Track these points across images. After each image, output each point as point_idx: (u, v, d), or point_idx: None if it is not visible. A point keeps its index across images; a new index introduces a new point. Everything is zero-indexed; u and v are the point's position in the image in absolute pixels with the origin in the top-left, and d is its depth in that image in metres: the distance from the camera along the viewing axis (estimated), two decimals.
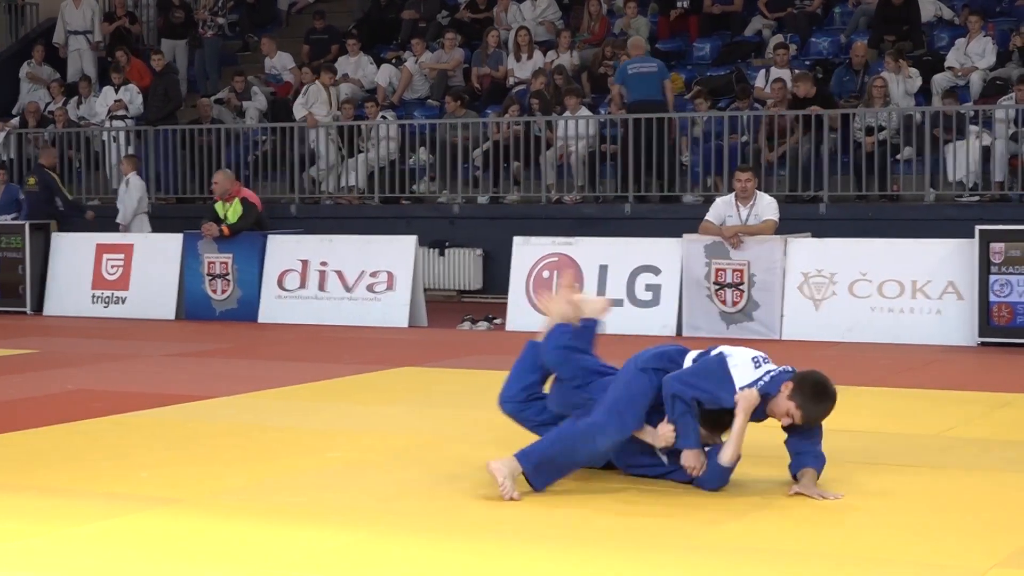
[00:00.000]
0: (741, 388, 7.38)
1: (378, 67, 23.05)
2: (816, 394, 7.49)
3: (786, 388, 7.43)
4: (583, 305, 8.05)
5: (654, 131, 18.84)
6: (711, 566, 6.11)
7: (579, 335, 7.89)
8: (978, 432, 9.33)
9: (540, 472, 7.31)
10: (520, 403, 7.93)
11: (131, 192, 20.05)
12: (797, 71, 19.68)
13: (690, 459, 7.40)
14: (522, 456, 7.30)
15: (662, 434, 7.42)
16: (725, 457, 7.40)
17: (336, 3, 26.28)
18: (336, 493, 7.55)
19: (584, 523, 6.89)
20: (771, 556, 6.28)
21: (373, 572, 6.03)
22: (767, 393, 7.40)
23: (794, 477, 7.54)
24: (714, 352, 7.59)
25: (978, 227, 14.29)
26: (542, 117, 19.89)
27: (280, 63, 24.16)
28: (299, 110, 21.10)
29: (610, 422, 7.38)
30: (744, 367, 7.48)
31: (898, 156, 18.35)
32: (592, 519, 6.95)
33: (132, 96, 22.73)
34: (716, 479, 7.46)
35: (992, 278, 13.99)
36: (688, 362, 7.56)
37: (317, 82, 21.28)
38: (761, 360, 7.54)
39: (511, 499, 7.13)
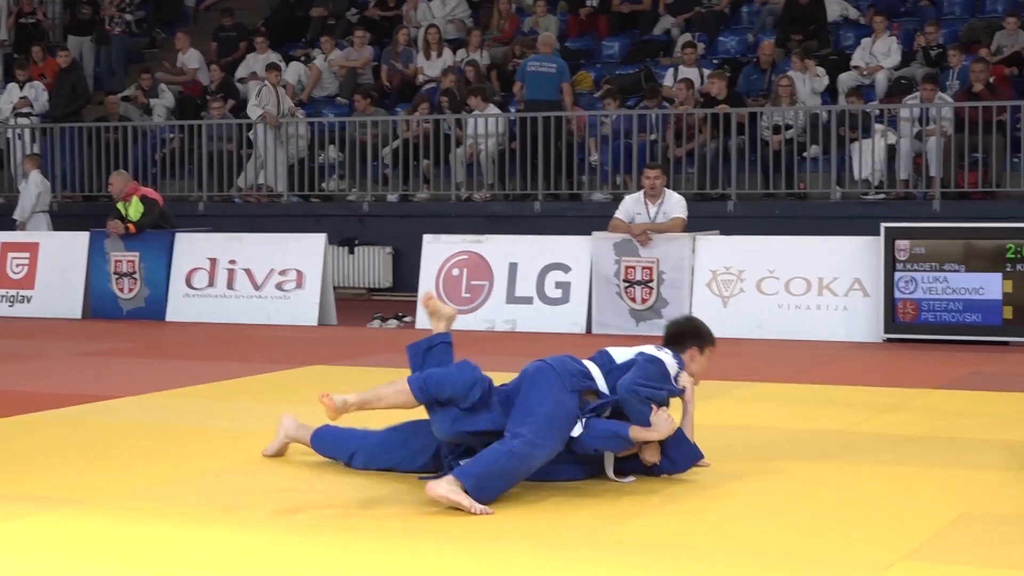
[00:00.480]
0: (675, 377, 7.62)
1: (287, 65, 22.95)
2: (701, 332, 7.98)
3: (689, 358, 7.80)
4: (437, 316, 8.07)
5: (551, 129, 18.90)
6: (617, 562, 6.13)
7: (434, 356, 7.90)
8: (883, 427, 9.43)
9: (482, 489, 7.09)
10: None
11: (30, 189, 19.91)
12: (710, 71, 19.80)
13: (666, 423, 7.48)
14: (461, 474, 7.09)
15: (662, 419, 7.46)
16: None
17: (244, 0, 26.13)
18: (243, 494, 7.50)
19: (489, 521, 6.89)
20: (677, 552, 6.31)
21: (279, 573, 6.00)
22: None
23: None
24: (641, 357, 7.67)
25: (883, 224, 14.43)
26: (451, 115, 19.88)
27: (189, 61, 23.97)
28: (254, 111, 20.73)
29: (548, 438, 7.31)
30: (670, 363, 7.61)
31: (805, 154, 18.51)
32: (497, 517, 6.95)
33: (37, 93, 22.49)
34: (691, 455, 7.65)
35: (897, 275, 14.13)
36: (593, 369, 7.60)
37: (267, 83, 21.02)
38: (669, 352, 7.70)
39: (486, 513, 6.98)
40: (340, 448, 8.10)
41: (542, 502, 7.24)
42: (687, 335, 8.04)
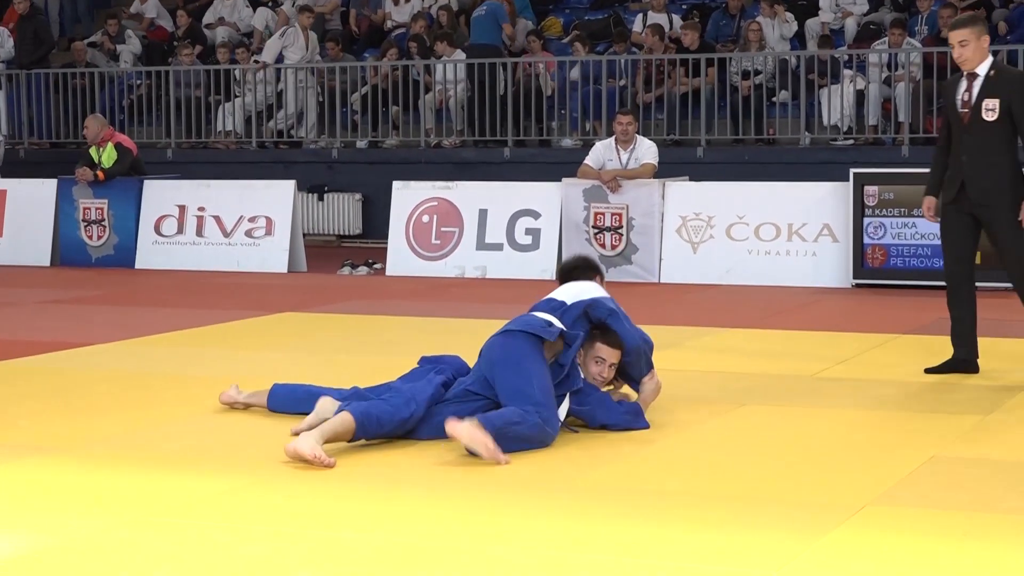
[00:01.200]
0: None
1: (254, 10, 22.81)
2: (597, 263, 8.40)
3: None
4: None
5: (508, 75, 18.90)
6: (591, 507, 6.16)
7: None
8: (852, 372, 9.48)
9: (499, 439, 7.07)
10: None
11: None
12: (679, 16, 19.77)
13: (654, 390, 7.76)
14: (484, 420, 7.06)
15: (655, 386, 7.78)
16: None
17: None
18: (214, 440, 7.51)
19: (465, 470, 6.92)
20: (650, 496, 6.35)
21: (252, 519, 6.02)
22: None
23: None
24: (613, 304, 7.71)
25: (852, 170, 14.46)
26: (420, 61, 19.82)
27: (147, 9, 23.76)
28: (273, 46, 20.46)
29: (553, 418, 7.33)
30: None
31: (774, 100, 18.51)
32: (472, 466, 6.98)
33: (3, 40, 22.30)
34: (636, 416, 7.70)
35: (866, 220, 14.17)
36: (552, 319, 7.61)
37: (296, 25, 20.62)
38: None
39: (504, 463, 6.94)
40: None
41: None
42: (591, 267, 8.26)
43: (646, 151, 15.09)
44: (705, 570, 5.27)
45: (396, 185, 16.33)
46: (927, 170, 14.77)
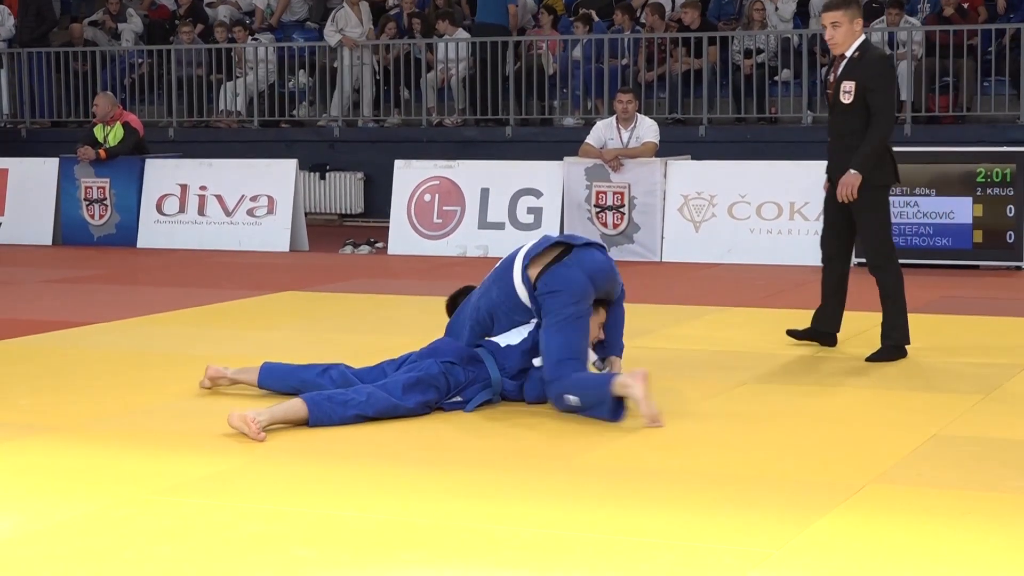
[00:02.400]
0: None
1: None
2: None
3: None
4: None
5: (509, 53, 18.86)
6: (592, 486, 6.16)
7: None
8: (853, 350, 9.47)
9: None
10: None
11: None
12: None
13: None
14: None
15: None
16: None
17: None
18: (214, 419, 7.51)
19: (463, 449, 6.93)
20: (650, 476, 6.35)
21: (251, 497, 6.02)
22: None
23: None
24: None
25: None
26: (423, 39, 19.79)
27: None
28: (332, 36, 20.01)
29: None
30: None
31: (776, 78, 18.48)
32: (470, 445, 6.99)
33: (3, 18, 22.28)
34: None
35: None
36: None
37: (345, 5, 20.36)
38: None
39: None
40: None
41: (512, 429, 7.27)
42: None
43: (647, 130, 15.08)
44: (705, 550, 5.28)
45: (398, 164, 16.31)
46: (930, 149, 14.91)
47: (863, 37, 9.21)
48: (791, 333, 9.57)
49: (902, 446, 6.79)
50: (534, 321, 7.63)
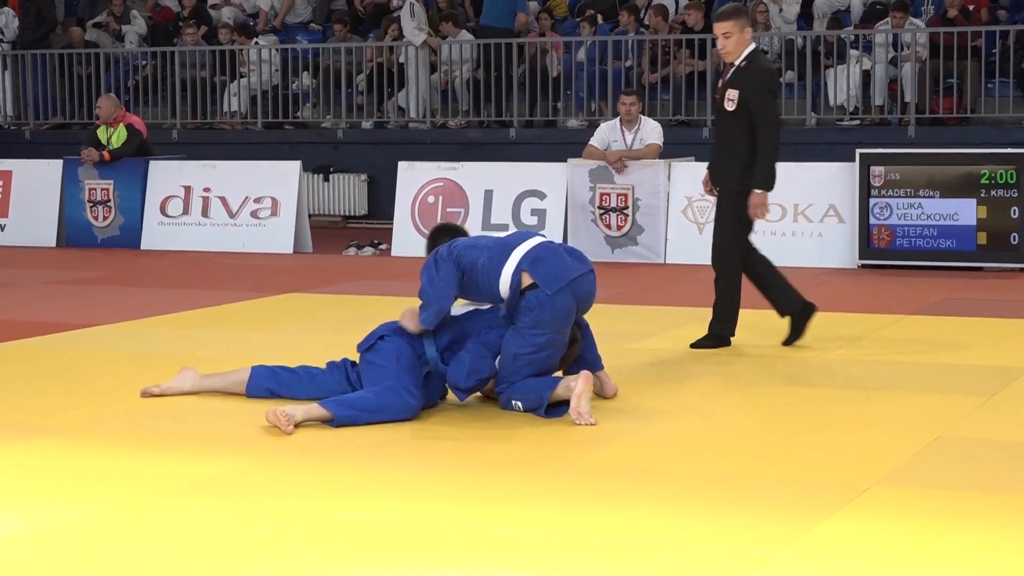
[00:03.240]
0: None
1: None
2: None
3: None
4: None
5: (513, 56, 18.86)
6: (597, 487, 6.16)
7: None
8: (857, 353, 9.47)
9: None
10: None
11: None
12: (688, 0, 19.72)
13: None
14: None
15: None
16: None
17: None
18: (218, 421, 7.52)
19: (469, 451, 6.93)
20: (653, 478, 6.35)
21: (255, 499, 6.02)
22: None
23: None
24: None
25: (859, 150, 14.44)
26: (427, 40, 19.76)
27: None
28: (415, 34, 19.60)
29: None
30: None
31: (780, 80, 18.45)
32: (475, 447, 6.99)
33: (8, 20, 22.30)
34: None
35: (872, 201, 14.16)
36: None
37: (417, 2, 19.87)
38: None
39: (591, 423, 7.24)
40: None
41: (515, 431, 7.27)
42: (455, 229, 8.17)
43: (651, 131, 15.08)
44: (710, 551, 5.27)
45: (402, 165, 16.31)
46: (934, 151, 14.91)
47: (753, 46, 9.40)
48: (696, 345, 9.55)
49: (906, 448, 6.79)
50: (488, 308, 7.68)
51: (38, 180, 17.66)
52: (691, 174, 15.12)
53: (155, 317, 11.27)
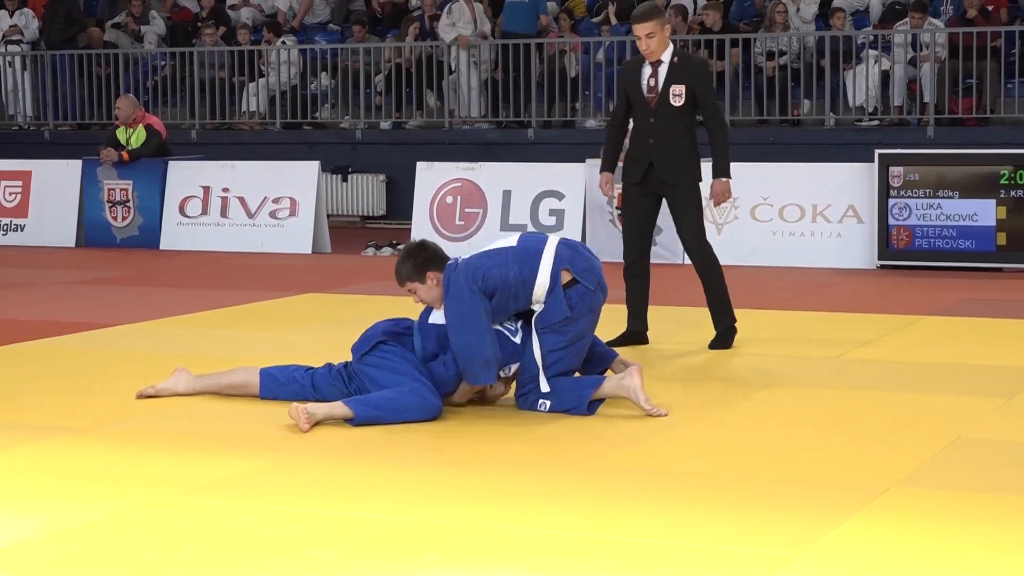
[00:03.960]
0: None
1: None
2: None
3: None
4: None
5: (532, 56, 18.87)
6: (615, 488, 6.16)
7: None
8: (876, 354, 9.45)
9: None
10: None
11: None
12: (707, 0, 19.72)
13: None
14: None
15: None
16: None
17: None
18: (237, 421, 7.53)
19: (486, 451, 6.92)
20: (673, 478, 6.34)
21: (273, 499, 6.03)
22: None
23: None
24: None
25: (878, 151, 14.42)
26: (444, 41, 19.78)
27: None
28: (447, 31, 19.70)
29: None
30: None
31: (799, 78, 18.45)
32: (493, 447, 6.99)
33: (27, 20, 22.36)
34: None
35: (891, 201, 14.13)
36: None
37: (460, 0, 19.95)
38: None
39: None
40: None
41: (531, 431, 7.27)
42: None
43: None
44: (727, 552, 5.27)
45: (420, 166, 16.32)
46: (953, 151, 14.88)
47: (671, 43, 9.48)
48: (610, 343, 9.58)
49: (925, 449, 6.77)
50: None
51: (57, 180, 17.70)
52: (709, 175, 15.09)
53: (174, 317, 11.29)
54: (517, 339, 7.55)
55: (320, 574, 5.08)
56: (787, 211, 14.70)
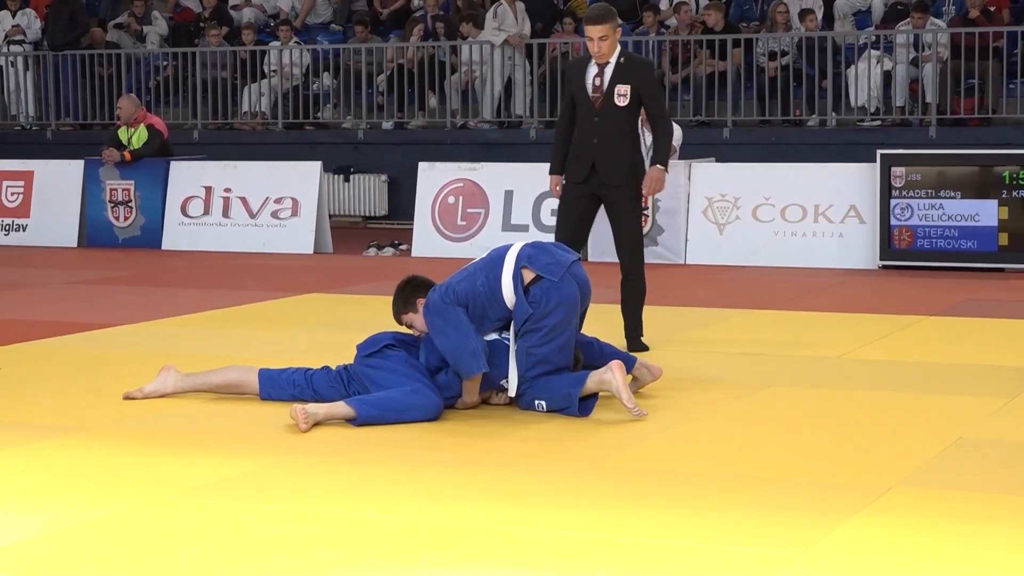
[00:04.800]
0: None
1: None
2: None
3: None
4: None
5: (534, 56, 18.85)
6: (617, 488, 6.16)
7: None
8: (878, 354, 9.45)
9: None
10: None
11: None
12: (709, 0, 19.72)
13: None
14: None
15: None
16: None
17: None
18: (238, 421, 7.53)
19: (488, 451, 6.93)
20: (673, 478, 6.34)
21: (275, 499, 6.03)
22: None
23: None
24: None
25: (879, 151, 14.41)
26: (447, 42, 19.80)
27: None
28: (495, 35, 19.42)
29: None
30: None
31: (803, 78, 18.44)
32: (494, 447, 6.99)
33: (30, 21, 22.36)
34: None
35: (893, 202, 14.12)
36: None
37: (504, 2, 19.66)
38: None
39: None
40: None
41: (533, 431, 7.27)
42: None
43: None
44: (728, 552, 5.26)
45: (422, 166, 16.32)
46: (955, 151, 14.88)
47: (619, 44, 9.50)
48: None
49: (927, 449, 6.77)
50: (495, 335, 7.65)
51: (59, 180, 17.70)
52: (711, 175, 15.13)
53: (176, 317, 11.30)
54: (513, 347, 7.57)
55: (321, 574, 5.08)
56: (789, 211, 14.70)
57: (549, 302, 7.45)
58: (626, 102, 9.33)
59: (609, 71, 9.35)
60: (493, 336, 7.59)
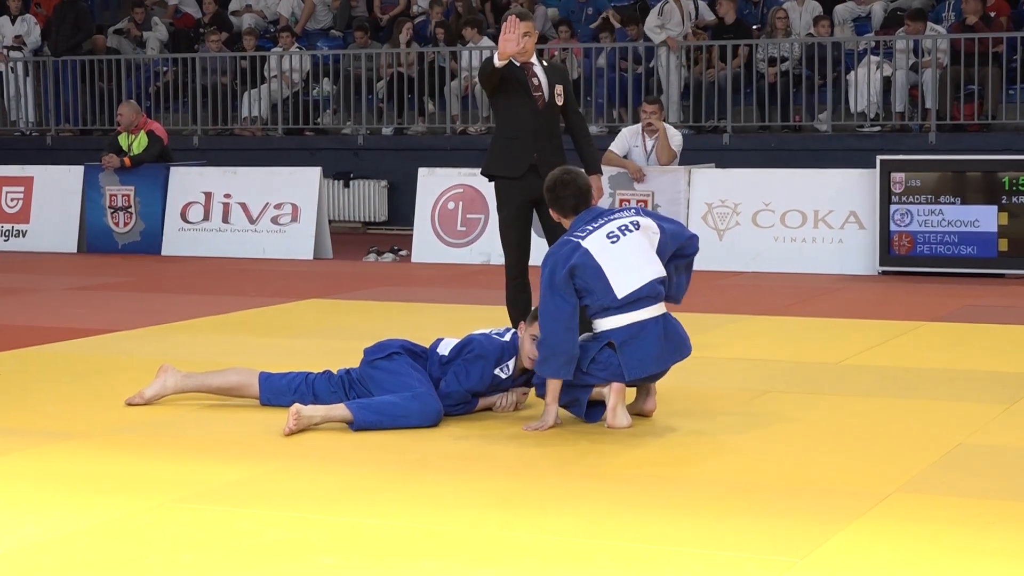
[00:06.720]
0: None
1: None
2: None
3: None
4: None
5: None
6: (617, 493, 6.16)
7: None
8: (877, 360, 9.45)
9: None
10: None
11: None
12: (707, 1, 19.72)
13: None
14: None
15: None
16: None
17: None
18: (237, 426, 7.53)
19: (488, 456, 6.93)
20: (673, 484, 6.34)
21: (275, 504, 6.03)
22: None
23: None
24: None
25: (879, 157, 14.41)
26: (446, 48, 19.81)
27: None
28: (656, 33, 18.98)
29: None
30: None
31: (803, 83, 18.45)
32: (495, 452, 6.99)
33: (30, 27, 22.36)
34: None
35: (893, 208, 14.13)
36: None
37: (670, 0, 19.29)
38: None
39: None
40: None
41: (533, 436, 7.26)
42: None
43: (671, 138, 15.03)
44: (729, 558, 5.26)
45: (422, 172, 16.33)
46: (955, 157, 14.87)
47: None
48: None
49: (927, 455, 6.77)
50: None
51: (59, 186, 17.70)
52: (711, 180, 15.13)
53: (175, 323, 11.30)
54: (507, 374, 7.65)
55: None
56: (789, 217, 14.70)
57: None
58: (562, 101, 9.36)
59: (540, 72, 9.31)
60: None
